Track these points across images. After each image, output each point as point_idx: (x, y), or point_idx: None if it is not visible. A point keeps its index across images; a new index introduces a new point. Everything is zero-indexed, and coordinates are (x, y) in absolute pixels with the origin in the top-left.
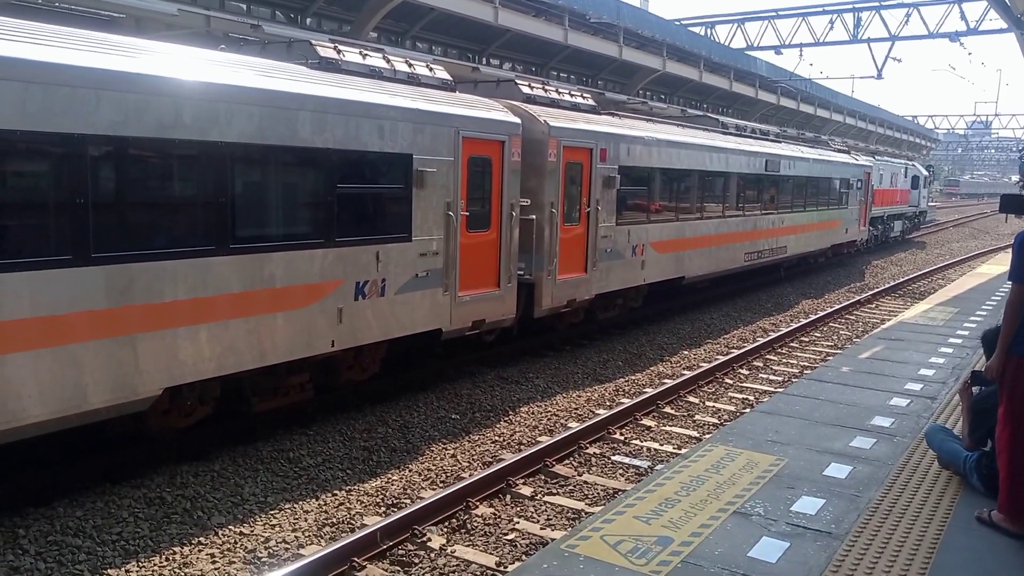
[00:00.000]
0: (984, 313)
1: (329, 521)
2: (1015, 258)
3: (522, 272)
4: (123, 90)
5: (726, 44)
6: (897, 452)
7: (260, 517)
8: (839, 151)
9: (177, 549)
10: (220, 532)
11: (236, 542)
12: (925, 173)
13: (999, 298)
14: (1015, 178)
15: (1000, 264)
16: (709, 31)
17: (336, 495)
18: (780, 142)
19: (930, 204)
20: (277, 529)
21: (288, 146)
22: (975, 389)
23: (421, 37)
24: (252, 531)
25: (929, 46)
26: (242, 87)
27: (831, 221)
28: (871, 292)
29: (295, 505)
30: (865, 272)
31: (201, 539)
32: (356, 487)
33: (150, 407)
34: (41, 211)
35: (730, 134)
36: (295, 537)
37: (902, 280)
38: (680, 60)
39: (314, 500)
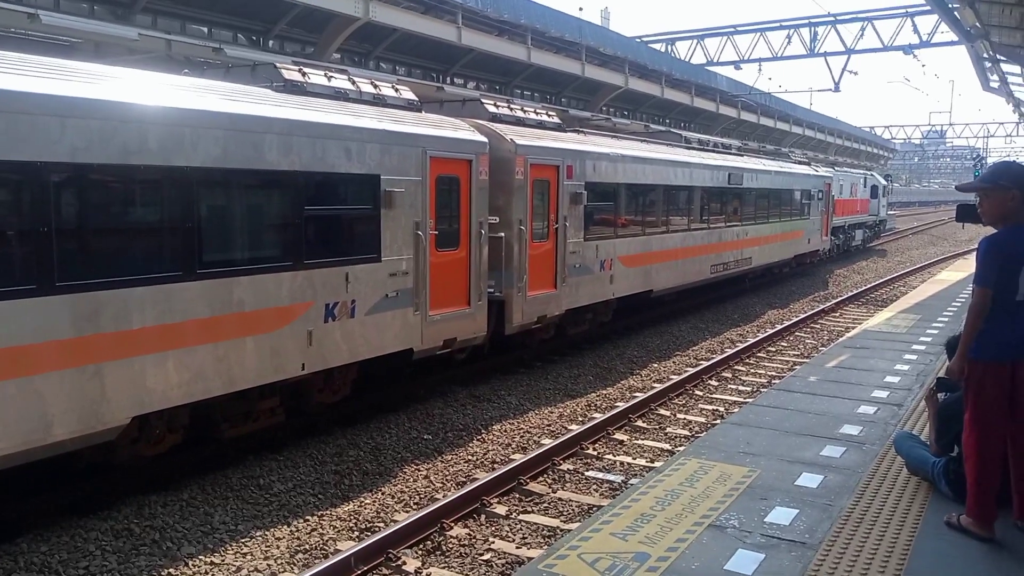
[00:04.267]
0: (946, 319)
1: (302, 548)
2: (979, 263)
3: (492, 289)
4: (86, 116)
5: (687, 60)
6: (866, 460)
7: (231, 546)
8: (800, 163)
9: None
10: (190, 563)
11: (207, 572)
12: (884, 183)
13: (960, 304)
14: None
15: (959, 271)
16: (670, 47)
17: (308, 521)
18: (742, 155)
19: (889, 213)
20: (249, 557)
21: (255, 169)
22: (940, 395)
23: (384, 57)
24: (223, 560)
25: (884, 59)
26: (207, 111)
27: (794, 232)
28: (835, 301)
29: (266, 532)
30: (828, 281)
31: (171, 570)
32: (328, 512)
33: (119, 436)
34: (3, 240)
35: (693, 148)
36: (267, 565)
37: (865, 288)
38: (642, 76)
39: (286, 527)
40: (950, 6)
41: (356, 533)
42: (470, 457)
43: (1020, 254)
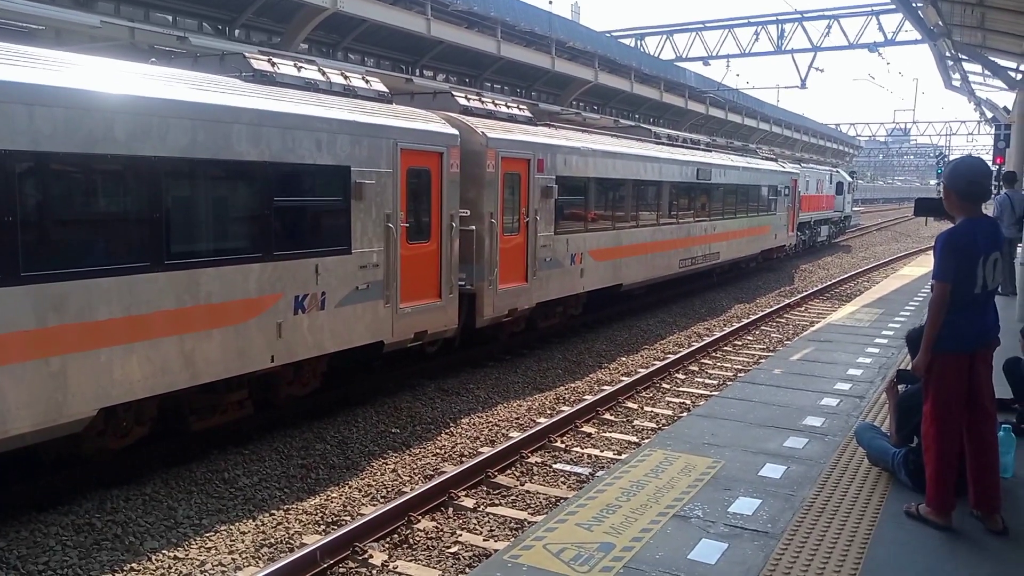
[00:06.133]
0: (907, 313)
1: (267, 542)
2: (937, 258)
3: (463, 282)
4: (53, 104)
5: (656, 55)
6: (829, 451)
7: (195, 540)
8: (767, 159)
9: None
10: (153, 557)
11: (170, 567)
12: (849, 179)
13: (921, 298)
14: (934, 182)
15: (921, 266)
16: (639, 43)
17: (274, 515)
18: (710, 151)
19: (854, 209)
20: (213, 552)
21: (223, 160)
22: (901, 387)
23: (353, 48)
24: (187, 555)
25: (849, 56)
26: (175, 100)
27: (761, 227)
28: (800, 295)
29: (231, 527)
30: (794, 276)
31: (133, 565)
32: (294, 506)
33: (85, 429)
34: None
35: (662, 144)
36: (232, 559)
37: (830, 283)
38: (612, 71)
39: (251, 521)
40: (914, 5)
41: (322, 527)
42: (438, 450)
43: (977, 247)
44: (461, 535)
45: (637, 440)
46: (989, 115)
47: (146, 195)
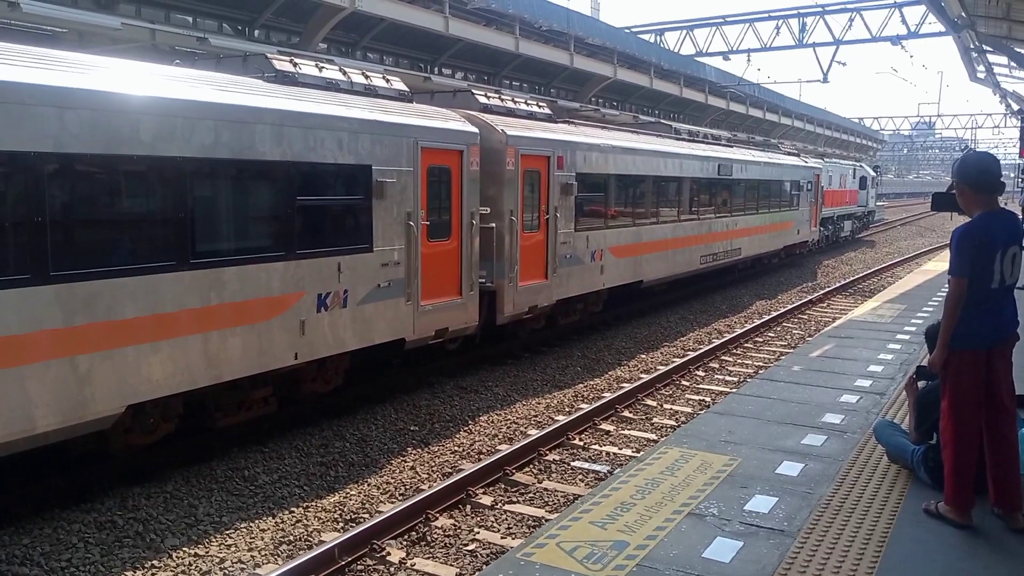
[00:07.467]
0: (930, 309)
1: (286, 539)
2: (953, 253)
3: (484, 280)
4: (82, 107)
5: (675, 51)
6: (847, 448)
7: (215, 537)
8: (789, 154)
9: (129, 574)
10: (174, 554)
11: (191, 564)
12: (873, 174)
13: (944, 294)
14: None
15: (946, 261)
16: (659, 38)
17: (293, 512)
18: (731, 146)
19: (878, 204)
20: (233, 549)
21: (247, 160)
22: (920, 384)
23: (372, 48)
24: (207, 552)
25: (872, 50)
26: (199, 102)
27: (783, 223)
28: (823, 291)
29: (251, 524)
30: (817, 272)
31: (154, 562)
32: (313, 503)
33: (112, 425)
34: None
35: (682, 139)
36: (251, 556)
37: (852, 279)
38: (631, 67)
39: (270, 518)
40: None
41: (341, 524)
42: (456, 448)
43: (994, 242)
44: (479, 533)
45: (656, 437)
46: (1015, 107)
47: (171, 195)
